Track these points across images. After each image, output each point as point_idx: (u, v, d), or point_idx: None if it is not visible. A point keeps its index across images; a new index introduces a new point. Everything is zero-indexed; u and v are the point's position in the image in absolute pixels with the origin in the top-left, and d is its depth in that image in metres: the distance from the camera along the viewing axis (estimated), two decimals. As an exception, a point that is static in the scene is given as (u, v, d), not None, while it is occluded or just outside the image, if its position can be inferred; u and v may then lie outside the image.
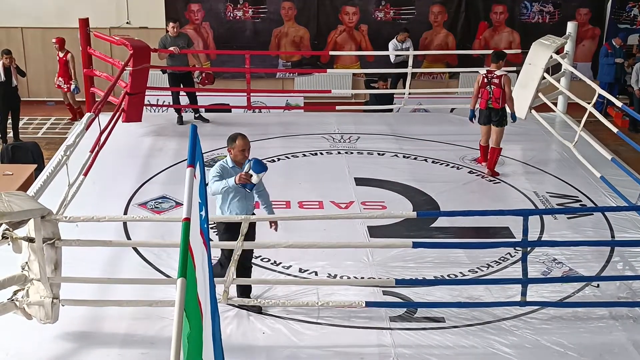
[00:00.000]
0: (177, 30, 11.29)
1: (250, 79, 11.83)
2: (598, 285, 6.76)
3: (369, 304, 6.16)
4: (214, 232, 6.66)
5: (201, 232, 3.46)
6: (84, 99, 11.66)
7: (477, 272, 7.05)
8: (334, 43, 15.21)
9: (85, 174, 7.70)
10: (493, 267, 7.13)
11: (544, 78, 10.37)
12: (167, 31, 11.43)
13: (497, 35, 15.37)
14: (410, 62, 11.83)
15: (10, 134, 12.80)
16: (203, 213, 3.56)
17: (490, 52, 10.59)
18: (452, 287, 6.65)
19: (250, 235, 6.09)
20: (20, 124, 13.18)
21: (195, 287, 3.13)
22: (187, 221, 3.21)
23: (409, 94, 11.96)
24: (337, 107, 12.51)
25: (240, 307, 6.22)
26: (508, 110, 9.34)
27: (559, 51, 10.72)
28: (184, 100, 11.64)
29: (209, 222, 5.18)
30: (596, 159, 9.19)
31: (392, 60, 13.69)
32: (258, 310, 6.22)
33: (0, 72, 12.43)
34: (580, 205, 8.64)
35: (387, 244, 7.04)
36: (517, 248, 6.93)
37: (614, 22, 15.46)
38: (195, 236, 3.31)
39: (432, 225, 7.91)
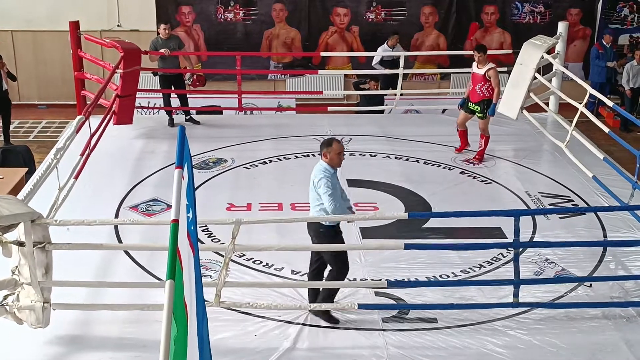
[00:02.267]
0: (169, 32, 11.26)
1: (241, 80, 11.80)
2: (591, 284, 6.77)
3: (361, 307, 6.16)
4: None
5: (188, 235, 3.44)
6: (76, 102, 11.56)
7: (469, 272, 7.04)
8: (325, 45, 15.19)
9: (76, 177, 7.67)
10: (485, 267, 7.13)
11: (535, 78, 10.37)
12: (159, 33, 11.40)
13: (489, 36, 15.36)
14: (402, 63, 11.80)
15: (1, 138, 12.75)
16: (190, 215, 3.53)
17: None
18: (444, 287, 6.63)
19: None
20: (11, 127, 13.14)
21: (182, 289, 3.12)
22: (175, 223, 3.20)
23: (401, 95, 11.95)
24: (329, 109, 12.52)
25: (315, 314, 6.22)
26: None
27: (550, 51, 10.72)
28: (175, 102, 11.61)
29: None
30: (588, 158, 9.21)
31: (374, 62, 13.26)
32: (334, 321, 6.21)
33: (-9, 76, 12.40)
34: (572, 205, 8.65)
35: (379, 246, 7.05)
36: (509, 249, 6.92)
37: (605, 22, 15.49)
38: (182, 238, 3.29)
39: (423, 226, 7.92)
